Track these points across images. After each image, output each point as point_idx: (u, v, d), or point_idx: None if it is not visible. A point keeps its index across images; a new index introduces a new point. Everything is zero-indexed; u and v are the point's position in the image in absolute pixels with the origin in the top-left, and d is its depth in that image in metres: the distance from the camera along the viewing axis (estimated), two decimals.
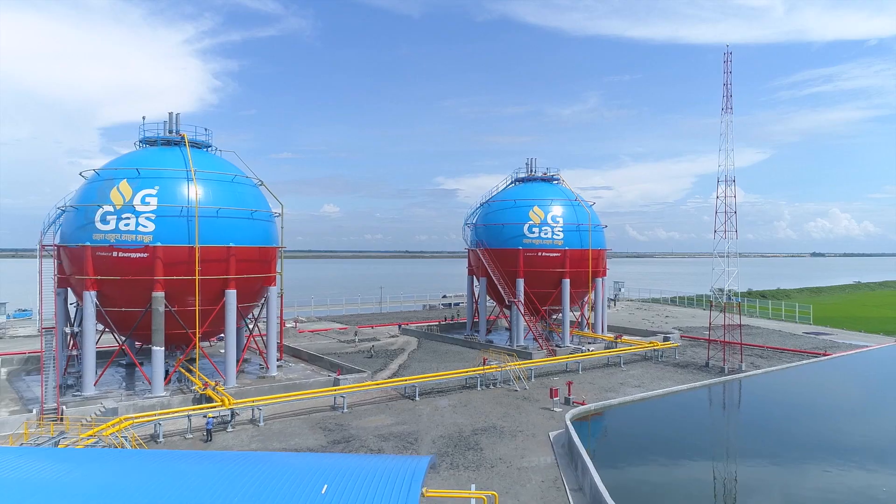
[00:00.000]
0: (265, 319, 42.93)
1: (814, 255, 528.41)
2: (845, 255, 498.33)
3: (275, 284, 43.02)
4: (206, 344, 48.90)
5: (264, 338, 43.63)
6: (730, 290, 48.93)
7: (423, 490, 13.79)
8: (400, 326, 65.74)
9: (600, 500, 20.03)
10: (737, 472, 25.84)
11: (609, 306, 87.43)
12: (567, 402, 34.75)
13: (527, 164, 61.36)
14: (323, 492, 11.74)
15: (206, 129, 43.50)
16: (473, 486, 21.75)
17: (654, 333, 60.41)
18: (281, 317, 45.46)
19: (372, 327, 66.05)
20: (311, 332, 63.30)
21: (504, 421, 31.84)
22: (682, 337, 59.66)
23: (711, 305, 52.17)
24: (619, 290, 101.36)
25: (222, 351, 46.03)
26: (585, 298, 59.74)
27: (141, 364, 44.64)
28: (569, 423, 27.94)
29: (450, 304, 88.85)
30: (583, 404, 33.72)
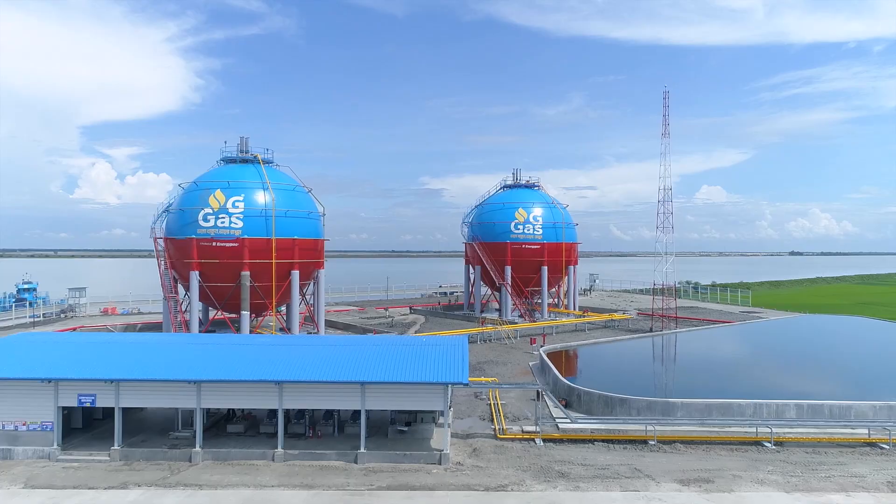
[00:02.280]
0: (312, 295, 58.01)
1: (792, 253, 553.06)
2: (823, 253, 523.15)
3: (322, 267, 58.01)
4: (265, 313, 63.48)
5: (311, 310, 58.70)
6: (669, 278, 64.54)
7: None
8: (410, 308, 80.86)
9: (558, 381, 35.42)
10: (642, 371, 41.23)
11: (584, 294, 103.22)
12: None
13: (513, 173, 76.79)
14: (423, 340, 26.77)
15: (267, 149, 58.22)
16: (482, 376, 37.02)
17: (615, 311, 76.13)
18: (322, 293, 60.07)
19: (385, 308, 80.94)
20: (336, 311, 78.14)
21: (498, 358, 47.16)
22: (638, 314, 75.30)
23: (653, 287, 67.90)
24: (594, 281, 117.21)
25: (272, 324, 60.83)
26: (560, 283, 75.26)
27: (215, 331, 59.47)
28: (542, 353, 43.35)
29: (445, 293, 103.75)
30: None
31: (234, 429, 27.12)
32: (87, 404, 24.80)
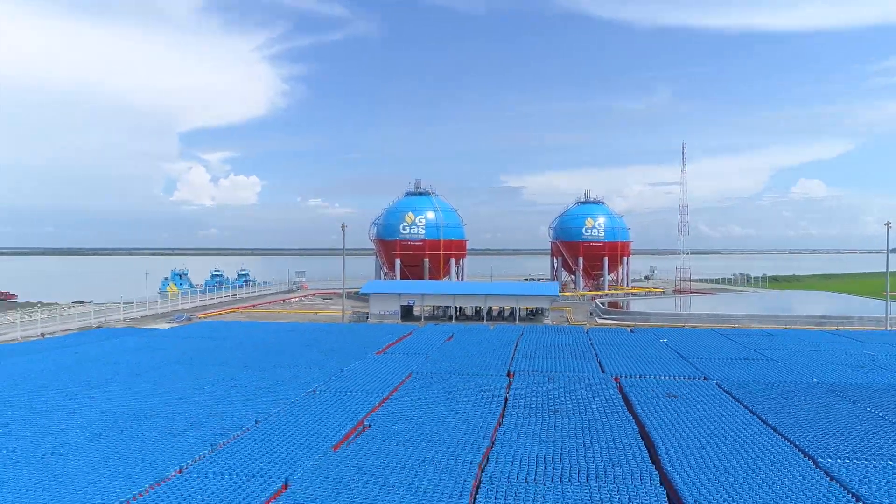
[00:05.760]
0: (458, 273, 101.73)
1: (894, 251, 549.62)
2: None
3: (465, 257, 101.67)
4: None
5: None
6: (685, 270, 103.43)
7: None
8: None
9: (597, 308, 76.96)
10: (650, 306, 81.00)
11: (645, 280, 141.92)
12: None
13: (585, 193, 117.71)
14: (538, 281, 68.81)
15: (431, 185, 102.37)
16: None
17: (655, 288, 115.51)
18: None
19: None
20: None
21: (573, 306, 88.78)
22: (673, 291, 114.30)
23: (676, 273, 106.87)
24: (653, 271, 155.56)
25: None
26: (617, 270, 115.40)
27: None
28: (597, 301, 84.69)
29: (534, 279, 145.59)
30: None
31: (461, 318, 70.75)
32: (410, 304, 69.04)
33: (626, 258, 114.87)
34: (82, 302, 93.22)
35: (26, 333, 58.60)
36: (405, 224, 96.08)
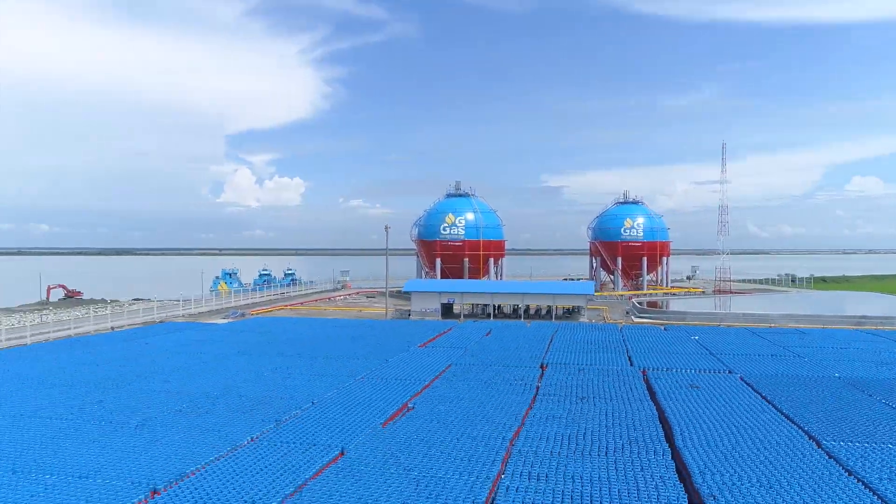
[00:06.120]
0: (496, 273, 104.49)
1: None
2: None
3: (504, 257, 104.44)
4: None
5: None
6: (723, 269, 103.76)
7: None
8: None
9: (636, 306, 78.76)
10: (684, 304, 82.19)
11: (687, 280, 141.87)
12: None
13: (624, 193, 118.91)
14: (574, 281, 71.17)
15: (471, 187, 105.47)
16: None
17: (694, 288, 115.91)
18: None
19: None
20: None
21: (610, 305, 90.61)
22: (713, 291, 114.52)
23: (717, 274, 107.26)
24: (695, 271, 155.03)
25: None
26: (656, 270, 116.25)
27: None
28: (634, 301, 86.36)
29: (572, 278, 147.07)
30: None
31: (499, 316, 73.65)
32: (450, 302, 72.32)
33: (665, 258, 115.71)
34: (140, 299, 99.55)
35: (98, 327, 64.10)
36: (445, 225, 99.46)
